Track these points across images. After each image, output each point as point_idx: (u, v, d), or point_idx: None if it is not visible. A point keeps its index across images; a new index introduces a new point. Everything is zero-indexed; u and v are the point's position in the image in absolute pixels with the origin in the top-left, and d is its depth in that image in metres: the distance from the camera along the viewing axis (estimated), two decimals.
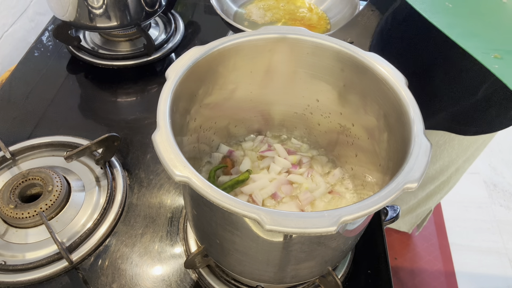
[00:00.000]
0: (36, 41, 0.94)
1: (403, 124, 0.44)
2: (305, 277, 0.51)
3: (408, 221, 1.37)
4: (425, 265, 1.51)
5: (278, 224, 0.34)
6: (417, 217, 1.32)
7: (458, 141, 0.93)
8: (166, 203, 0.67)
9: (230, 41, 0.51)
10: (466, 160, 1.01)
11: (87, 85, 0.87)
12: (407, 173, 0.38)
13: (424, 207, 1.24)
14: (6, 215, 0.60)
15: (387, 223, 0.68)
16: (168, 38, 0.95)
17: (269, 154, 0.62)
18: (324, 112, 0.59)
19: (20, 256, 0.59)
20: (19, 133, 0.75)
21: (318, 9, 0.95)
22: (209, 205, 0.37)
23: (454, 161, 0.99)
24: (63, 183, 0.64)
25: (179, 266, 0.60)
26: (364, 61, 0.49)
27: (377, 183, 0.52)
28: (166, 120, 0.41)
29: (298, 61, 0.55)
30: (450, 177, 1.07)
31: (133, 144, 0.75)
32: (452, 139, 0.92)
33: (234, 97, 0.58)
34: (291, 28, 0.53)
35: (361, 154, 0.57)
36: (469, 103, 0.80)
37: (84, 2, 0.79)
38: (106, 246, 0.61)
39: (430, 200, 1.19)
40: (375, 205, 0.36)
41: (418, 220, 1.35)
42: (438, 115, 0.85)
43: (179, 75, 0.46)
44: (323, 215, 0.34)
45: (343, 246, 0.48)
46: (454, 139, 0.92)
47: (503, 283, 1.49)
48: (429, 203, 1.21)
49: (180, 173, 0.37)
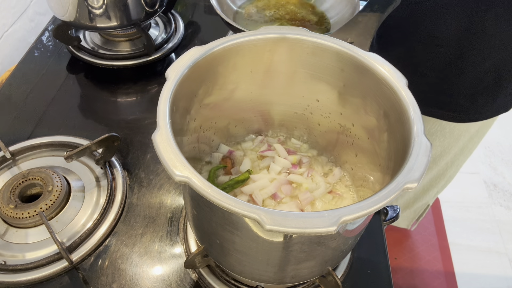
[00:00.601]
0: (36, 41, 0.94)
1: (403, 124, 0.44)
2: (305, 277, 0.51)
3: (406, 217, 1.38)
4: (425, 265, 1.51)
5: (278, 224, 0.34)
6: (414, 212, 1.33)
7: (450, 129, 0.95)
8: (166, 203, 0.67)
9: (230, 41, 0.51)
10: (460, 153, 1.02)
11: (87, 85, 0.87)
12: (407, 173, 0.38)
13: (421, 202, 1.25)
14: (6, 215, 0.60)
15: (387, 223, 0.68)
16: (168, 38, 0.95)
17: (269, 154, 0.62)
18: (324, 112, 0.59)
19: (20, 256, 0.59)
20: (19, 133, 0.75)
21: (318, 9, 0.95)
22: (209, 205, 0.37)
23: (446, 151, 1.01)
24: (63, 183, 0.64)
25: (179, 266, 0.60)
26: (364, 61, 0.49)
27: (377, 183, 0.52)
28: (166, 120, 0.41)
29: (298, 61, 0.55)
30: (446, 170, 1.08)
31: (133, 144, 0.75)
32: (444, 127, 0.94)
33: (234, 97, 0.58)
34: (291, 28, 0.53)
35: (361, 154, 0.57)
36: (456, 88, 0.84)
37: (84, 2, 0.79)
38: (106, 246, 0.61)
39: (426, 195, 1.20)
40: (375, 205, 0.36)
41: (416, 215, 1.36)
42: (426, 98, 0.86)
43: (179, 75, 0.46)
44: (323, 215, 0.34)
45: (343, 246, 0.48)
46: (446, 128, 0.94)
47: (503, 283, 1.49)
48: (426, 198, 1.22)
49: (180, 173, 0.37)
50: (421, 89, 0.85)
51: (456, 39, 0.76)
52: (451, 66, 0.80)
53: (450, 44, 0.77)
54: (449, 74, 0.82)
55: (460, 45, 0.76)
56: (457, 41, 0.76)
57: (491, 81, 0.81)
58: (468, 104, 0.86)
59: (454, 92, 0.85)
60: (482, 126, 0.94)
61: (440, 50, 0.79)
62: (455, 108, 0.88)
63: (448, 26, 0.75)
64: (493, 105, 0.86)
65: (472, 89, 0.83)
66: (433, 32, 0.78)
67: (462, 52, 0.77)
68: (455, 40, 0.76)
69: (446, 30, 0.76)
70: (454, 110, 0.89)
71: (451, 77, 0.82)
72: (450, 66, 0.81)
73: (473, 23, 0.73)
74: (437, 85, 0.85)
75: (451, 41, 0.77)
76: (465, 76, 0.81)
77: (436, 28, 0.77)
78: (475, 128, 0.95)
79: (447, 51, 0.79)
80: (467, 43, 0.76)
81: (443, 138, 0.97)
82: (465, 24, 0.73)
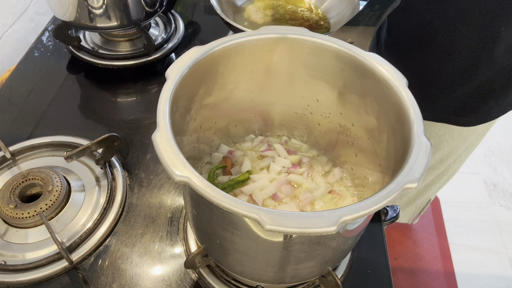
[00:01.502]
0: (36, 41, 0.94)
1: (403, 124, 0.44)
2: (305, 277, 0.51)
3: (408, 213, 1.38)
4: (425, 265, 1.51)
5: (278, 224, 0.34)
6: (416, 207, 1.34)
7: (458, 131, 0.94)
8: (166, 203, 0.67)
9: (230, 41, 0.51)
10: (465, 149, 1.02)
11: (87, 85, 0.87)
12: (407, 173, 0.38)
13: (424, 197, 1.25)
14: (6, 215, 0.60)
15: (387, 223, 0.68)
16: (168, 38, 0.95)
17: (269, 154, 0.62)
18: (324, 112, 0.59)
19: (20, 256, 0.59)
20: (19, 133, 0.75)
21: (318, 9, 0.95)
22: (209, 205, 0.37)
23: (454, 151, 1.01)
24: (63, 183, 0.64)
25: (179, 266, 0.60)
26: (364, 61, 0.49)
27: (377, 183, 0.52)
28: (166, 120, 0.41)
29: (298, 61, 0.55)
30: (449, 166, 1.08)
31: (133, 144, 0.75)
32: (452, 129, 0.94)
33: (234, 97, 0.58)
34: (291, 28, 0.53)
35: (361, 154, 0.57)
36: (467, 94, 0.82)
37: (84, 2, 0.79)
38: (106, 246, 0.61)
39: (429, 190, 1.21)
40: (375, 205, 0.36)
41: (417, 210, 1.36)
42: (437, 106, 0.86)
43: (179, 75, 0.46)
44: (323, 215, 0.34)
45: (343, 246, 0.48)
46: (454, 130, 0.94)
47: (503, 283, 1.49)
48: (428, 193, 1.23)
49: (180, 173, 0.37)
50: (432, 96, 0.85)
51: (470, 49, 0.76)
52: (464, 73, 0.80)
53: (463, 53, 0.77)
54: (461, 80, 0.82)
55: (473, 54, 0.76)
56: (471, 50, 0.76)
57: (502, 82, 0.80)
58: (479, 106, 0.86)
59: (465, 97, 0.84)
60: (488, 124, 0.94)
61: (453, 58, 0.79)
62: (466, 112, 0.88)
63: (463, 37, 0.75)
64: (502, 104, 0.86)
65: (483, 92, 0.83)
66: (447, 42, 0.77)
67: (476, 60, 0.77)
68: (469, 50, 0.76)
69: (460, 41, 0.76)
70: (465, 115, 0.89)
71: (463, 83, 0.82)
72: (462, 74, 0.80)
73: (488, 34, 0.73)
74: (448, 92, 0.85)
75: (465, 51, 0.77)
76: (477, 81, 0.80)
77: (450, 39, 0.77)
78: (482, 127, 0.95)
79: (460, 59, 0.78)
80: (481, 52, 0.76)
81: (451, 140, 0.97)
82: (480, 35, 0.73)
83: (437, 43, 0.78)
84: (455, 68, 0.80)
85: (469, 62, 0.78)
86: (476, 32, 0.73)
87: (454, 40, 0.76)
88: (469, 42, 0.75)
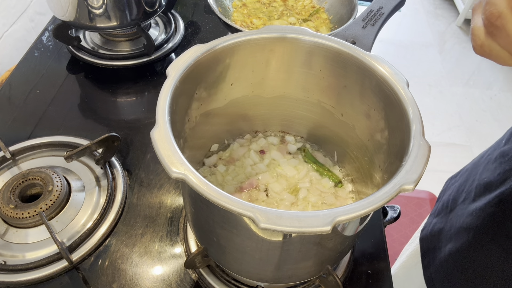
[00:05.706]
0: (36, 41, 0.94)
1: (403, 125, 0.44)
2: (302, 277, 0.51)
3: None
4: None
5: (272, 223, 0.34)
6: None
7: None
8: (166, 203, 0.67)
9: (231, 40, 0.51)
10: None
11: (87, 85, 0.87)
12: (405, 175, 0.38)
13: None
14: (6, 215, 0.60)
15: (387, 223, 0.68)
16: (168, 38, 0.95)
17: (269, 154, 0.62)
18: (324, 112, 0.59)
19: (20, 256, 0.59)
20: (19, 133, 0.75)
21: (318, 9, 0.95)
22: (206, 202, 0.37)
23: None
24: (63, 183, 0.64)
25: (179, 266, 0.60)
26: (364, 61, 0.49)
27: (377, 183, 0.52)
28: (165, 117, 0.41)
29: (298, 60, 0.55)
30: None
31: (133, 144, 0.75)
32: None
33: (234, 96, 0.58)
34: (291, 28, 0.53)
35: (361, 155, 0.57)
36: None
37: (84, 2, 0.79)
38: (106, 246, 0.61)
39: None
40: (370, 206, 0.35)
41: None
42: None
43: (180, 73, 0.46)
44: (318, 214, 0.34)
45: (340, 246, 0.47)
46: None
47: None
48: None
49: (177, 170, 0.37)
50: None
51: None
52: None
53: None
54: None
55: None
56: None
57: None
58: None
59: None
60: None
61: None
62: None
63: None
64: None
65: None
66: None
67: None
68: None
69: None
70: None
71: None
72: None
73: None
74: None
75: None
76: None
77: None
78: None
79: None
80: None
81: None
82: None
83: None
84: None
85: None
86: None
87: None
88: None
